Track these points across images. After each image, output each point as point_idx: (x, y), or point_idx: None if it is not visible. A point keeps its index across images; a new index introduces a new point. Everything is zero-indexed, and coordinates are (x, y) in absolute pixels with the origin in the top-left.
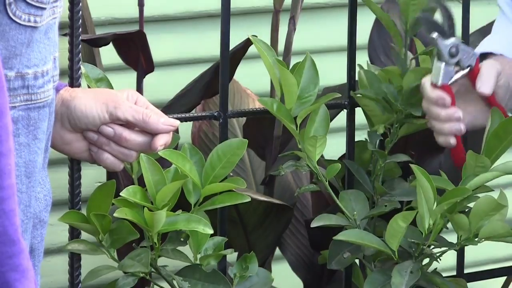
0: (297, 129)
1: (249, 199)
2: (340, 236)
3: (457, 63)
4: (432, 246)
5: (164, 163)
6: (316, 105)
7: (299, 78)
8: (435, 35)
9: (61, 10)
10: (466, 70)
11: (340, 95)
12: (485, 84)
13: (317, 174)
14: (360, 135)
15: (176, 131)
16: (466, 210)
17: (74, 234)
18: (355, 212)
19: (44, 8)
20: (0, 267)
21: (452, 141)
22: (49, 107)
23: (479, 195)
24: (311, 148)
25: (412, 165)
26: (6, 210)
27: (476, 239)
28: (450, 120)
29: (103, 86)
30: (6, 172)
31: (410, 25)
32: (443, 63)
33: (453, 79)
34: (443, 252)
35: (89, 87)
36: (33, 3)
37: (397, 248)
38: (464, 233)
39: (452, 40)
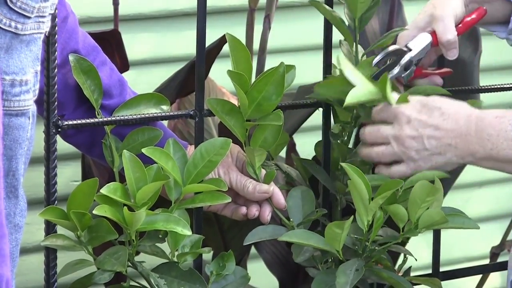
0: (247, 133)
1: (229, 200)
2: (284, 237)
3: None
4: (378, 241)
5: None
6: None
7: (265, 86)
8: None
9: (48, 27)
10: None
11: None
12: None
13: (257, 178)
14: None
15: None
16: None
17: (50, 231)
18: (291, 219)
19: (28, 17)
20: None
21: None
22: (26, 118)
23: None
24: (250, 155)
25: (343, 164)
26: None
27: (417, 230)
28: None
29: (91, 78)
30: None
31: (359, 22)
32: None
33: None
34: (388, 246)
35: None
36: (15, 8)
37: (340, 248)
38: (404, 223)
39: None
